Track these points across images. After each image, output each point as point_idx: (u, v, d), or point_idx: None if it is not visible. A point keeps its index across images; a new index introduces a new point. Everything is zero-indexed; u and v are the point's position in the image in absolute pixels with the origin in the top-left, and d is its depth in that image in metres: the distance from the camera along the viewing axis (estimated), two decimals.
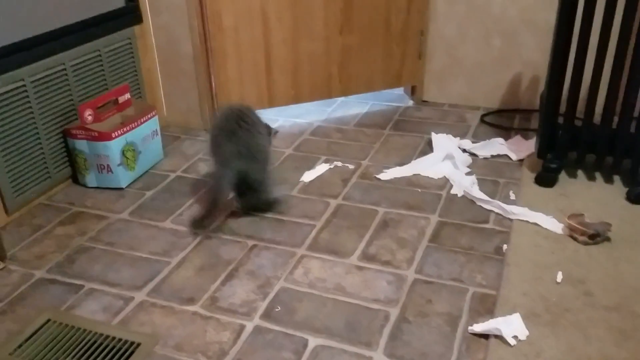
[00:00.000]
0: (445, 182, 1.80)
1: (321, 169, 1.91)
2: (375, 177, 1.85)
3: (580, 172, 1.79)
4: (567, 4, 1.57)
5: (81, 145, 1.75)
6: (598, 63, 1.60)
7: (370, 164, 1.94)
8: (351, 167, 1.92)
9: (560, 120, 1.70)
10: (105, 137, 1.73)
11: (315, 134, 2.17)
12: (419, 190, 1.76)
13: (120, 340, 1.21)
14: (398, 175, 1.85)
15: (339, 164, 1.94)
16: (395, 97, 2.48)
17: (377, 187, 1.79)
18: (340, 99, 2.47)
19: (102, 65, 1.89)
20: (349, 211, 1.67)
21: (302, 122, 2.28)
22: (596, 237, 1.44)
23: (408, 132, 2.16)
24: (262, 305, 1.30)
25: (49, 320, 1.27)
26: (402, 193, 1.75)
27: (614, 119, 1.65)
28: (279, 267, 1.43)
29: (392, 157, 1.96)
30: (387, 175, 1.85)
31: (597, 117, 1.67)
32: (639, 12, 1.52)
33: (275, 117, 2.32)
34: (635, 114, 1.63)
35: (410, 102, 2.42)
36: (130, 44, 2.01)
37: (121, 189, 1.81)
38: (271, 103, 2.23)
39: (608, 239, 1.46)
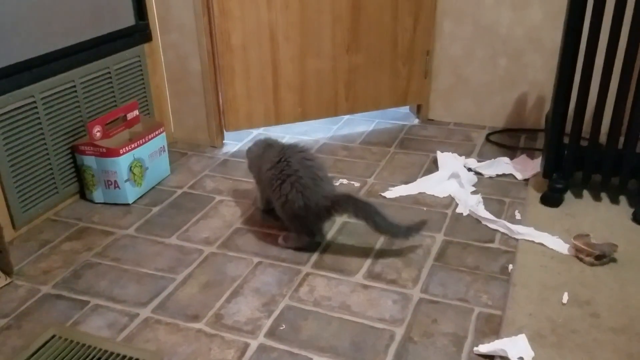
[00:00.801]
0: (450, 201, 1.80)
1: None
2: (380, 195, 1.85)
3: (586, 193, 1.79)
4: (573, 25, 1.58)
5: (89, 161, 1.77)
6: (604, 83, 1.61)
7: (376, 181, 1.94)
8: (357, 184, 1.92)
9: (566, 140, 1.70)
10: (113, 153, 1.74)
11: (322, 152, 2.18)
12: (424, 208, 1.76)
13: (124, 357, 1.21)
14: (404, 194, 1.85)
15: (345, 181, 1.95)
16: (401, 116, 2.49)
17: (382, 205, 1.79)
18: (346, 117, 2.48)
19: (111, 82, 1.92)
20: (355, 229, 1.67)
21: (308, 139, 2.29)
22: (602, 258, 1.43)
23: (414, 150, 2.17)
24: (267, 323, 1.30)
25: (54, 336, 1.27)
26: (407, 211, 1.75)
27: (620, 139, 1.65)
28: (284, 284, 1.43)
29: (398, 175, 1.97)
30: (392, 193, 1.85)
31: (603, 137, 1.67)
32: None
33: (282, 134, 2.33)
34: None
35: (416, 121, 2.43)
36: (140, 61, 2.03)
37: (128, 204, 1.82)
38: (278, 120, 2.25)
39: (614, 260, 1.45)
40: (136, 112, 1.92)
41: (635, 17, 1.52)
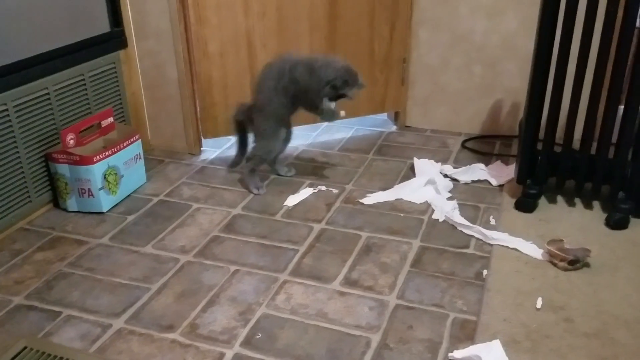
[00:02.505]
0: (427, 207, 1.81)
1: (305, 193, 1.91)
2: (358, 201, 1.85)
3: (560, 198, 1.81)
4: (545, 33, 1.61)
5: (63, 169, 1.75)
6: (576, 90, 1.64)
7: (354, 188, 1.94)
8: (335, 191, 1.93)
9: (540, 146, 1.72)
10: (86, 161, 1.72)
11: (300, 158, 2.18)
12: (402, 215, 1.77)
13: None
14: (381, 200, 1.86)
15: (323, 188, 1.95)
16: (379, 122, 2.51)
17: (360, 211, 1.79)
18: (325, 124, 2.49)
19: (85, 89, 1.90)
20: (333, 236, 1.67)
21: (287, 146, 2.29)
22: (575, 263, 1.45)
23: (391, 157, 2.18)
24: (243, 332, 1.29)
25: (25, 348, 1.24)
26: (385, 218, 1.76)
27: (593, 145, 1.68)
28: (261, 292, 1.42)
29: (376, 182, 1.97)
30: (370, 200, 1.86)
31: (576, 143, 1.70)
32: (615, 40, 1.56)
33: None
34: (614, 140, 1.66)
35: (394, 128, 2.45)
36: (115, 68, 2.01)
37: (102, 213, 1.80)
38: None
39: (587, 265, 1.47)
40: (111, 120, 1.90)
41: (606, 25, 1.55)
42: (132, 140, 1.89)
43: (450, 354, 1.21)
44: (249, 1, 2.04)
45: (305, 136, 2.38)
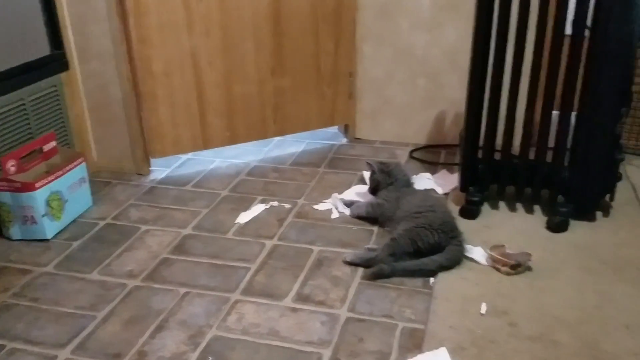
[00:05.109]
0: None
1: (257, 209, 1.91)
2: (312, 207, 1.89)
3: (502, 204, 1.87)
4: (480, 44, 1.67)
5: (4, 196, 1.69)
6: (512, 98, 1.70)
7: (306, 202, 1.96)
8: (287, 206, 1.93)
9: (481, 154, 1.78)
10: (28, 187, 1.67)
11: (252, 174, 2.18)
12: (353, 227, 1.79)
13: None
14: (336, 203, 1.90)
15: (275, 203, 1.95)
16: (330, 136, 2.54)
17: (312, 225, 1.81)
18: (277, 139, 2.50)
19: (26, 114, 1.85)
20: (285, 252, 1.67)
21: (238, 162, 2.29)
22: (517, 267, 1.50)
23: (342, 169, 2.20)
24: (193, 357, 1.28)
25: None
26: (336, 231, 1.77)
27: (531, 151, 1.74)
28: (212, 314, 1.41)
29: (327, 195, 1.99)
30: (325, 205, 1.91)
31: (516, 150, 1.76)
32: (547, 49, 1.63)
33: (211, 159, 2.32)
34: (551, 145, 1.73)
35: (345, 140, 2.48)
36: (57, 91, 1.97)
37: (47, 240, 1.75)
38: (206, 145, 2.23)
39: (529, 269, 1.53)
40: (54, 144, 1.86)
41: (538, 34, 1.62)
42: (75, 163, 1.85)
43: None
44: (192, 20, 2.04)
45: (257, 152, 2.39)
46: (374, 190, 1.85)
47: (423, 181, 2.03)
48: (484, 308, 1.38)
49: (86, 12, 1.99)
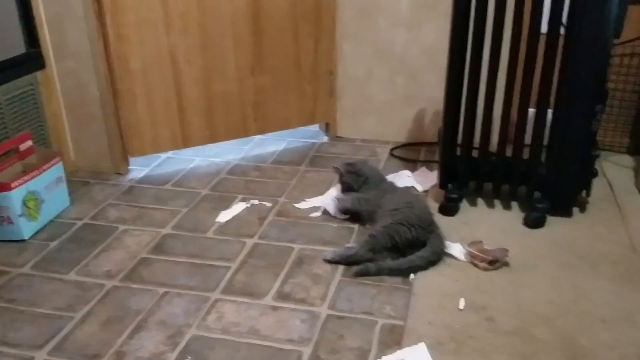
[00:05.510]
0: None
1: (238, 208, 1.91)
2: (294, 205, 1.89)
3: (480, 201, 1.89)
4: (457, 42, 1.68)
5: None
6: (489, 97, 1.72)
7: (287, 200, 1.95)
8: (268, 204, 1.93)
9: (459, 152, 1.80)
10: (3, 187, 1.65)
11: (233, 173, 2.18)
12: (334, 225, 1.80)
13: None
14: (317, 204, 1.90)
15: (256, 202, 1.95)
16: (311, 134, 2.53)
17: (293, 224, 1.80)
18: (258, 137, 2.49)
19: (2, 113, 1.82)
20: (265, 250, 1.67)
21: (219, 161, 2.28)
22: (495, 262, 1.52)
23: (323, 167, 2.21)
24: (172, 357, 1.27)
25: None
26: (317, 229, 1.77)
27: (509, 148, 1.76)
28: (191, 314, 1.40)
29: (308, 194, 1.99)
30: (306, 204, 1.90)
31: (493, 147, 1.78)
32: (523, 48, 1.65)
33: (191, 157, 2.30)
34: (527, 142, 1.75)
35: (326, 138, 2.48)
36: (33, 90, 1.95)
37: (24, 240, 1.72)
38: (186, 143, 2.22)
39: (507, 264, 1.54)
40: (30, 143, 1.83)
41: (514, 33, 1.64)
42: (52, 163, 1.82)
43: None
44: (170, 18, 2.02)
45: (238, 150, 2.38)
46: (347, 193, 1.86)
47: (403, 179, 2.04)
48: (462, 303, 1.40)
49: (62, 10, 1.96)
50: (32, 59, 1.94)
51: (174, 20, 2.03)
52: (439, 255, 1.56)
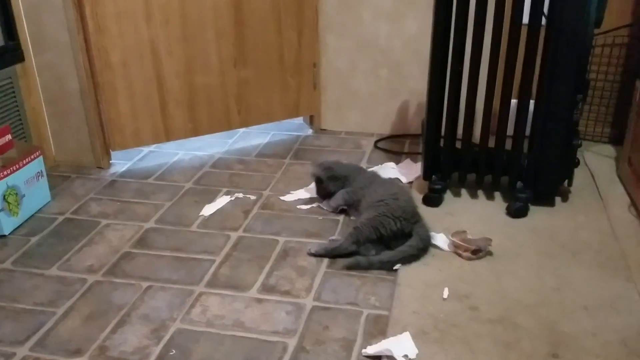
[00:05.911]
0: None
1: (222, 201, 1.90)
2: (279, 198, 1.88)
3: (463, 191, 1.90)
4: (440, 35, 1.68)
5: None
6: (471, 88, 1.73)
7: (271, 193, 1.95)
8: (253, 198, 1.92)
9: (442, 143, 1.80)
10: None
11: (217, 166, 2.16)
12: (319, 217, 1.79)
13: None
14: (302, 197, 1.90)
15: (240, 195, 1.94)
16: (295, 127, 2.53)
17: (278, 217, 1.80)
18: (242, 130, 2.48)
19: None
20: (250, 243, 1.66)
21: (202, 154, 2.26)
22: (478, 252, 1.53)
23: (308, 160, 2.20)
24: (156, 351, 1.26)
25: None
26: (302, 221, 1.77)
27: (491, 139, 1.77)
28: (176, 307, 1.40)
29: (293, 187, 1.99)
30: (291, 197, 1.90)
31: (476, 138, 1.79)
32: (505, 39, 1.66)
33: (174, 151, 2.28)
34: (509, 133, 1.76)
35: (310, 131, 2.48)
36: (12, 83, 1.91)
37: (4, 236, 1.70)
38: (168, 137, 2.20)
39: (490, 254, 1.56)
40: (9, 137, 1.80)
41: (496, 24, 1.65)
42: (32, 157, 1.80)
43: (363, 350, 1.24)
44: (150, 9, 2.00)
45: (222, 144, 2.36)
46: (324, 198, 1.85)
47: (387, 171, 2.05)
48: (446, 293, 1.41)
49: (41, 1, 1.93)
50: (10, 52, 1.91)
51: (155, 11, 2.00)
52: (427, 242, 1.57)
